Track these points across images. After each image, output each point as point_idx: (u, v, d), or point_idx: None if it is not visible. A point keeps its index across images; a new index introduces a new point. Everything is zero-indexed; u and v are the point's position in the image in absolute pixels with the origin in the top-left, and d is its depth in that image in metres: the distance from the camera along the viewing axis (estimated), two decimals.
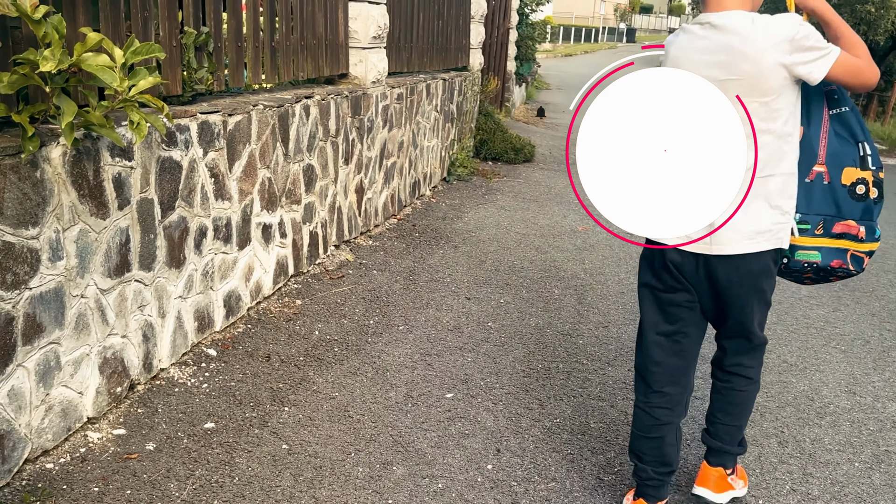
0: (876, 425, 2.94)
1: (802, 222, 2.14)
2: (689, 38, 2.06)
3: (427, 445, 2.57)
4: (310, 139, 3.83)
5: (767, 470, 2.58)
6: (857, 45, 2.03)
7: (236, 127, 3.12)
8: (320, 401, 2.79)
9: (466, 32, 7.44)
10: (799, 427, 2.89)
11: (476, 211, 5.94)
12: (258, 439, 2.51)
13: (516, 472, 2.46)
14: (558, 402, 2.95)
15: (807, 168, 2.13)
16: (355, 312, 3.62)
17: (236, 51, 3.27)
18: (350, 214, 4.52)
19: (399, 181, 5.43)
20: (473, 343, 3.43)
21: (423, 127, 5.92)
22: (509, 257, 4.77)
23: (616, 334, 3.67)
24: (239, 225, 3.22)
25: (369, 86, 4.60)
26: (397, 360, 3.18)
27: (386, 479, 2.36)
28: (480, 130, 8.28)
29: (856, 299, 4.42)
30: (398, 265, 4.37)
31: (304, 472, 2.36)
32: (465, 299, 3.96)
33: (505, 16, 10.70)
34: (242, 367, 2.97)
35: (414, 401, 2.86)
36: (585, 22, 56.16)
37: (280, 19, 3.67)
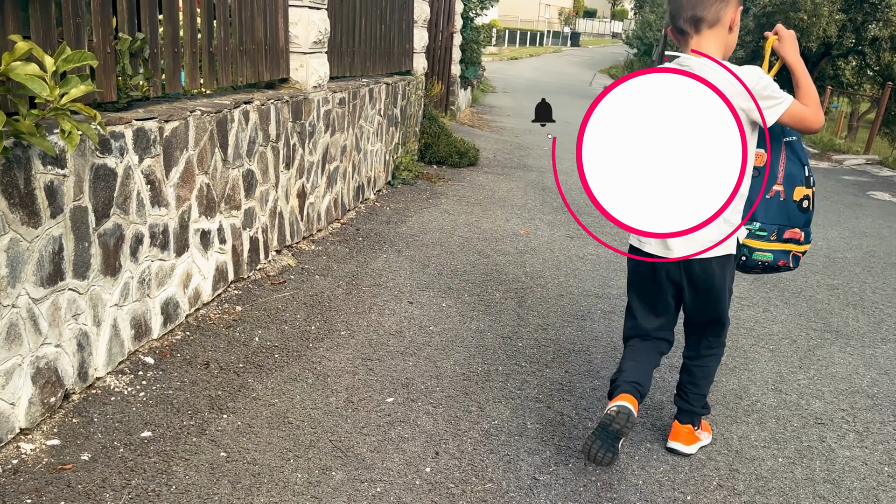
0: (800, 422, 3.07)
1: (762, 230, 2.56)
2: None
3: (366, 450, 2.59)
4: (249, 144, 3.82)
5: (696, 467, 2.68)
6: (810, 96, 2.42)
7: (173, 133, 3.10)
8: (259, 408, 2.79)
9: (410, 37, 7.48)
10: (727, 424, 3.00)
11: (420, 215, 5.98)
12: (196, 447, 2.51)
13: (454, 475, 2.51)
14: (497, 405, 3.01)
15: (769, 186, 2.54)
16: (296, 318, 3.62)
17: (173, 56, 3.25)
18: (292, 219, 4.51)
19: (342, 185, 5.44)
20: (415, 347, 3.46)
21: (366, 131, 5.93)
22: (452, 261, 4.82)
23: (554, 337, 3.74)
24: (176, 231, 3.20)
25: (310, 90, 4.60)
26: (338, 365, 3.20)
27: (325, 485, 2.38)
28: (425, 134, 8.33)
29: (785, 300, 4.59)
30: (341, 270, 4.39)
31: (243, 480, 2.36)
32: (408, 303, 4.00)
33: (449, 20, 10.77)
34: (181, 375, 2.95)
35: (354, 406, 2.88)
36: (531, 25, 56.71)
37: (218, 24, 3.66)
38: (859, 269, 5.44)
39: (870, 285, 5.04)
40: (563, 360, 3.48)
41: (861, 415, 3.17)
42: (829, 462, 2.77)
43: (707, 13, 2.36)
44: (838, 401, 3.28)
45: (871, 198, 8.77)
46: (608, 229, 6.08)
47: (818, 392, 3.35)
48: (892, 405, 3.28)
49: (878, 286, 5.04)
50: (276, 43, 4.34)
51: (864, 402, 3.30)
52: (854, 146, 14.97)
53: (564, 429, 2.87)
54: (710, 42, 2.40)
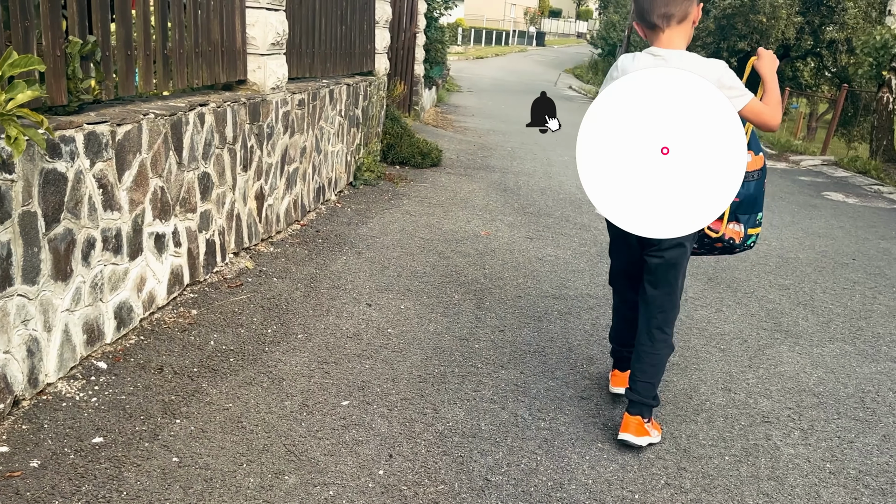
0: (747, 420, 3.15)
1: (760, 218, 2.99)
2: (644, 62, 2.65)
3: (320, 453, 2.61)
4: (205, 147, 3.81)
5: (645, 466, 2.73)
6: (772, 98, 2.69)
7: (126, 137, 3.08)
8: (213, 412, 2.79)
9: (371, 37, 7.48)
10: (677, 424, 3.06)
11: (381, 216, 5.99)
12: (148, 453, 2.50)
13: (407, 477, 2.53)
14: (452, 406, 3.04)
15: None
16: (253, 321, 3.62)
17: (126, 59, 3.23)
18: (250, 221, 4.50)
19: (302, 187, 5.43)
20: (372, 350, 3.48)
21: (326, 132, 5.93)
22: (412, 263, 4.84)
23: (511, 338, 3.78)
24: (130, 235, 3.18)
25: (269, 92, 4.59)
26: (294, 368, 3.20)
27: (277, 489, 2.39)
28: (387, 135, 8.34)
29: (737, 300, 4.68)
30: (299, 272, 4.38)
31: (195, 485, 2.36)
32: (366, 306, 4.01)
33: (411, 20, 10.79)
34: (134, 380, 2.94)
35: (309, 409, 2.89)
36: (496, 25, 56.89)
37: (173, 26, 3.64)
38: (811, 269, 5.57)
39: (820, 285, 5.17)
40: (518, 361, 3.53)
41: (806, 413, 3.26)
42: (774, 460, 2.85)
43: (678, 10, 2.64)
44: (785, 399, 3.37)
45: (826, 198, 8.97)
46: (569, 230, 6.14)
47: (766, 391, 3.44)
48: (836, 403, 3.38)
49: (829, 286, 5.16)
50: (234, 44, 4.32)
51: (810, 400, 3.39)
52: (812, 147, 15.28)
53: (518, 429, 2.91)
54: (679, 35, 2.67)
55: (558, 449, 2.80)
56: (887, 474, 2.82)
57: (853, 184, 10.28)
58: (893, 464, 2.90)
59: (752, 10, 17.76)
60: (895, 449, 3.02)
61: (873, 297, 4.98)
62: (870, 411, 3.33)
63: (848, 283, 5.26)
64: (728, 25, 18.49)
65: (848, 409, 3.33)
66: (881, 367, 3.82)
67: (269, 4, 4.50)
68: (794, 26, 18.37)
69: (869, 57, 12.16)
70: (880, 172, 10.87)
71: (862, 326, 4.40)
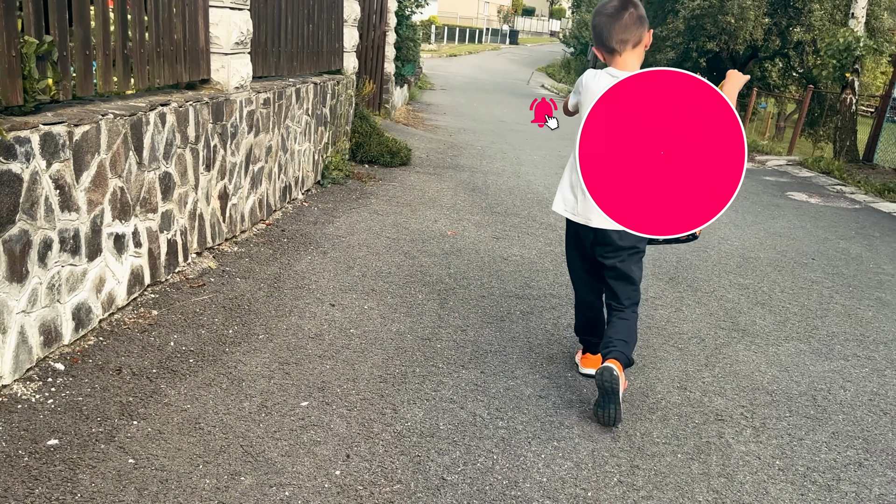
0: (701, 418, 3.21)
1: None
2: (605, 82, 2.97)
3: (277, 454, 2.62)
4: (166, 147, 3.79)
5: (599, 464, 2.78)
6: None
7: (83, 137, 3.06)
8: (171, 413, 2.79)
9: (339, 36, 7.48)
10: (632, 422, 3.11)
11: (348, 215, 6.00)
12: (104, 454, 2.50)
13: (363, 477, 2.55)
14: (411, 406, 3.06)
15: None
16: (214, 322, 3.62)
17: (84, 59, 3.21)
18: (213, 221, 4.49)
19: (268, 186, 5.42)
20: (334, 350, 3.50)
21: (293, 131, 5.92)
22: (377, 262, 4.86)
23: (473, 337, 3.82)
24: (88, 236, 3.17)
25: (232, 91, 4.58)
26: (254, 369, 3.21)
27: (233, 490, 2.40)
28: (356, 133, 8.34)
29: (697, 299, 4.76)
30: (263, 272, 4.38)
31: (150, 486, 2.37)
32: (330, 306, 4.02)
33: (381, 19, 10.78)
34: (91, 381, 2.93)
35: (268, 410, 2.90)
36: (470, 23, 56.94)
37: (133, 26, 3.62)
38: (771, 268, 5.67)
39: (779, 285, 5.26)
40: (479, 360, 3.56)
41: (759, 411, 3.33)
42: (725, 457, 2.91)
43: (632, 36, 3.00)
44: (739, 398, 3.44)
45: (789, 198, 9.12)
46: (535, 230, 6.19)
47: (721, 389, 3.51)
48: (789, 401, 3.45)
49: (787, 285, 5.26)
50: (197, 44, 4.31)
51: (763, 398, 3.46)
52: (779, 147, 15.51)
53: (476, 429, 2.94)
54: (633, 58, 3.04)
55: (515, 448, 2.84)
56: (834, 471, 2.90)
57: (816, 184, 10.46)
58: (841, 460, 2.98)
59: (720, 12, 17.98)
60: (843, 446, 3.10)
61: (830, 297, 5.09)
62: (821, 409, 3.41)
63: (806, 283, 5.37)
64: (697, 26, 18.71)
65: (800, 406, 3.41)
66: (834, 366, 3.91)
67: (232, 4, 4.49)
68: (762, 27, 18.63)
69: (833, 59, 12.37)
70: (843, 173, 11.07)
71: (817, 325, 4.50)
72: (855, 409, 3.43)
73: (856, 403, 3.50)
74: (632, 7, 2.99)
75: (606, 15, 3.00)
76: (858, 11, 12.90)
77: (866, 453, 3.05)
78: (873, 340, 4.33)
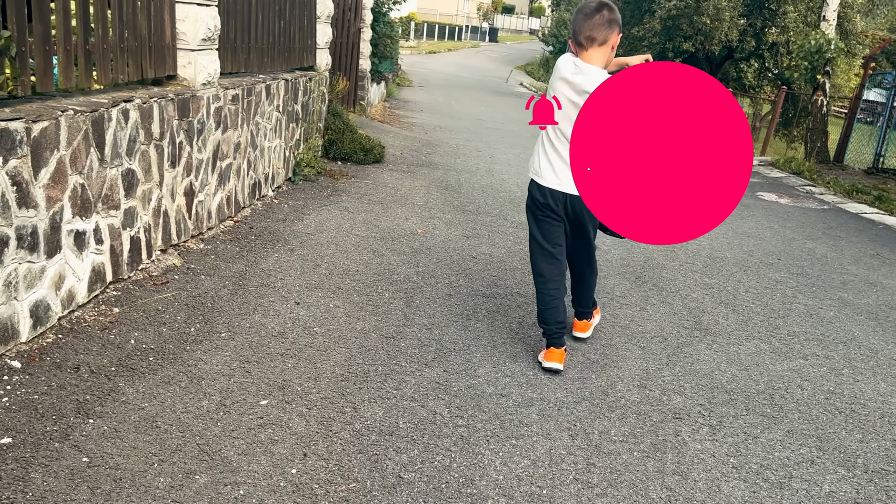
0: (659, 417, 3.25)
1: None
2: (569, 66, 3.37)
3: (234, 453, 2.62)
4: (130, 143, 3.77)
5: (555, 462, 2.81)
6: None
7: (42, 133, 3.04)
8: (128, 412, 2.78)
9: (312, 33, 7.46)
10: (591, 420, 3.15)
11: (318, 213, 5.99)
12: (57, 453, 2.49)
13: (319, 476, 2.56)
14: (371, 405, 3.07)
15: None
16: (176, 320, 3.60)
17: (43, 55, 3.18)
18: (178, 218, 4.46)
19: (236, 182, 5.40)
20: (296, 349, 3.50)
21: (263, 128, 5.90)
22: (345, 261, 4.86)
23: (438, 336, 3.83)
24: (47, 233, 3.14)
25: (199, 87, 4.56)
26: (215, 368, 3.20)
27: (187, 489, 2.40)
28: (329, 130, 8.32)
29: (662, 299, 4.81)
30: (228, 269, 4.37)
31: (103, 485, 2.36)
32: (295, 304, 4.02)
33: (356, 16, 10.76)
34: (48, 380, 2.91)
35: (227, 409, 2.90)
36: (449, 20, 56.93)
37: (96, 22, 3.59)
38: (737, 268, 5.74)
39: (744, 284, 5.33)
40: (443, 359, 3.58)
41: (717, 409, 3.37)
42: (681, 455, 2.95)
43: (599, 35, 3.31)
44: (698, 396, 3.48)
45: (759, 199, 9.22)
46: (505, 229, 6.22)
47: (680, 388, 3.55)
48: (746, 400, 3.50)
49: (752, 285, 5.33)
50: (163, 40, 4.28)
51: (722, 397, 3.51)
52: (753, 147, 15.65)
53: (435, 427, 2.96)
54: (598, 55, 3.36)
55: (473, 446, 2.86)
56: (786, 468, 2.94)
57: (787, 184, 10.58)
58: (794, 458, 3.03)
59: (696, 12, 18.10)
60: (797, 444, 3.15)
61: (793, 297, 5.16)
62: (777, 407, 3.46)
63: (771, 283, 5.44)
64: (673, 26, 18.82)
65: (757, 405, 3.46)
66: (793, 365, 3.97)
67: (199, 0, 4.47)
68: (738, 28, 18.77)
69: (804, 61, 12.51)
70: (813, 173, 11.20)
71: (779, 325, 4.56)
72: (811, 408, 3.49)
73: (812, 402, 3.55)
74: (606, 10, 3.32)
75: (583, 13, 3.36)
76: (830, 14, 13.05)
77: (819, 451, 3.11)
78: (833, 340, 4.40)
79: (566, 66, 3.37)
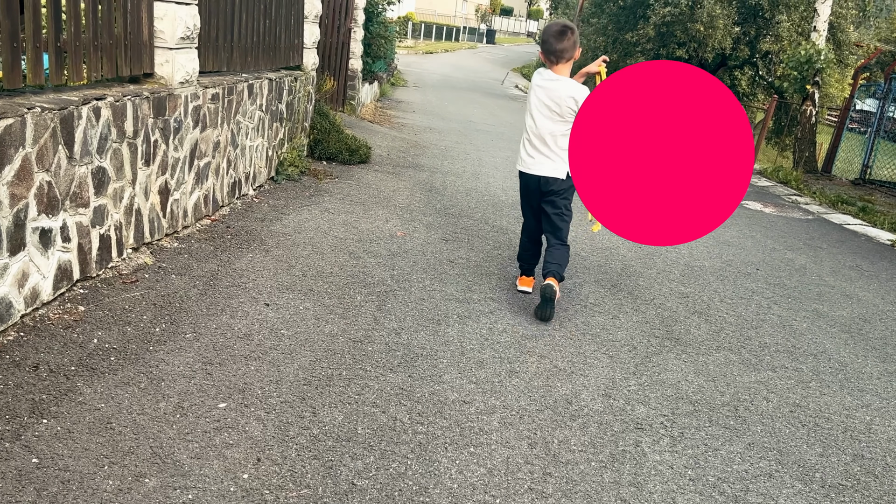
0: (620, 427, 3.25)
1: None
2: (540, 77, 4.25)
3: (186, 456, 2.61)
4: (101, 141, 3.76)
5: (511, 471, 2.81)
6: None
7: (7, 130, 3.02)
8: (83, 412, 2.77)
9: (299, 32, 7.44)
10: (550, 429, 3.14)
11: (299, 213, 5.98)
12: (7, 453, 2.47)
13: (271, 481, 2.56)
14: (331, 410, 3.07)
15: None
16: (142, 319, 3.59)
17: (11, 51, 3.17)
18: (152, 216, 4.45)
19: (215, 181, 5.39)
20: (261, 351, 3.49)
21: (244, 127, 5.89)
22: (320, 262, 4.85)
23: (406, 340, 3.83)
24: (10, 230, 3.13)
25: (176, 86, 4.55)
26: (176, 369, 3.19)
27: (135, 492, 2.39)
28: (315, 130, 8.31)
29: (635, 307, 4.81)
30: (200, 269, 4.36)
31: (50, 487, 2.35)
32: (264, 306, 4.01)
33: (347, 16, 10.75)
34: (5, 378, 2.89)
35: (184, 411, 2.89)
36: (447, 20, 56.93)
37: (68, 18, 3.58)
38: (714, 277, 5.75)
39: (719, 294, 5.34)
40: (408, 364, 3.57)
41: (679, 420, 3.38)
42: (638, 466, 2.95)
43: (567, 53, 4.16)
44: (661, 407, 3.48)
45: (745, 208, 9.23)
46: (486, 233, 6.22)
47: (645, 398, 3.55)
48: (710, 411, 3.51)
49: (727, 295, 5.34)
50: (140, 38, 4.27)
51: (686, 407, 3.51)
52: None
53: (394, 433, 2.96)
54: (565, 68, 4.20)
55: (430, 453, 2.86)
56: (744, 481, 2.95)
57: (773, 193, 10.61)
58: (752, 471, 3.03)
59: (690, 19, 18.13)
60: (757, 457, 3.15)
61: (768, 307, 5.17)
62: (741, 420, 3.46)
63: (746, 293, 5.45)
64: (667, 33, 18.85)
65: (720, 417, 3.47)
66: (760, 377, 3.97)
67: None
68: (731, 36, 18.81)
69: (794, 71, 12.54)
70: (800, 183, 11.23)
71: (751, 336, 4.57)
72: (774, 421, 3.50)
73: (776, 415, 3.56)
74: (570, 32, 4.17)
75: (553, 34, 4.17)
76: (820, 25, 13.09)
77: (778, 465, 3.11)
78: (803, 352, 4.41)
79: (542, 77, 4.24)
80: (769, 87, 21.17)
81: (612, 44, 20.55)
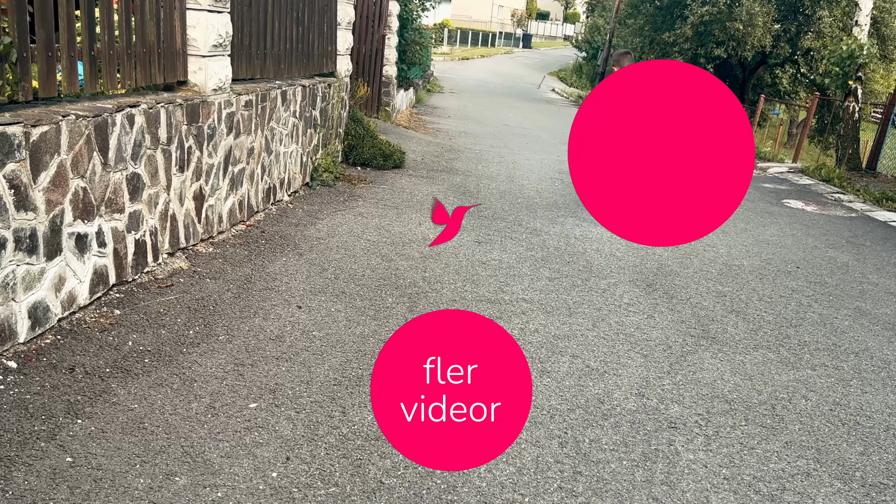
0: (654, 426, 3.20)
1: None
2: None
3: (217, 455, 2.64)
4: (135, 148, 3.83)
5: (541, 469, 2.78)
6: None
7: (42, 137, 3.10)
8: (117, 413, 2.81)
9: (332, 39, 7.51)
10: (583, 429, 3.11)
11: (332, 217, 6.02)
12: (42, 452, 2.52)
13: (300, 479, 2.57)
14: (361, 410, 3.07)
15: None
16: (176, 322, 3.64)
17: (46, 60, 3.25)
18: (187, 222, 4.52)
19: (249, 187, 5.45)
20: (293, 352, 3.51)
21: (278, 133, 5.95)
22: (353, 265, 4.87)
23: None
24: (47, 235, 3.20)
25: (209, 93, 4.62)
26: (208, 370, 3.23)
27: (166, 490, 2.42)
28: (349, 136, 8.37)
29: (671, 307, 4.74)
30: (235, 273, 4.41)
31: (82, 485, 2.39)
32: (296, 308, 4.04)
33: (380, 23, 10.82)
34: (42, 380, 2.96)
35: (215, 411, 2.92)
36: (483, 26, 56.98)
37: (102, 28, 3.66)
38: (752, 276, 5.64)
39: (758, 293, 5.23)
40: None
41: (714, 419, 3.31)
42: (671, 465, 2.90)
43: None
44: (696, 406, 3.42)
45: (785, 206, 9.06)
46: (518, 234, 6.19)
47: (679, 397, 3.49)
48: (747, 410, 3.43)
49: (766, 294, 5.23)
50: (173, 46, 4.34)
51: (721, 406, 3.44)
52: (782, 153, 15.40)
53: None
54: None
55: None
56: (780, 480, 2.88)
57: (815, 192, 10.39)
58: (789, 470, 2.96)
59: (729, 18, 17.87)
60: (795, 455, 3.08)
61: (808, 306, 5.06)
62: (778, 418, 3.39)
63: (786, 291, 5.34)
64: (706, 32, 18.61)
65: (757, 415, 3.39)
66: (799, 375, 3.88)
67: (210, 6, 4.53)
68: (771, 34, 18.51)
69: (836, 66, 12.28)
70: (843, 181, 10.98)
71: (790, 334, 4.47)
72: (813, 419, 3.41)
73: (815, 413, 3.47)
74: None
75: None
76: (862, 19, 12.80)
77: (817, 463, 3.03)
78: (844, 350, 4.30)
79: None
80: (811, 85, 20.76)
81: (648, 44, 20.37)
